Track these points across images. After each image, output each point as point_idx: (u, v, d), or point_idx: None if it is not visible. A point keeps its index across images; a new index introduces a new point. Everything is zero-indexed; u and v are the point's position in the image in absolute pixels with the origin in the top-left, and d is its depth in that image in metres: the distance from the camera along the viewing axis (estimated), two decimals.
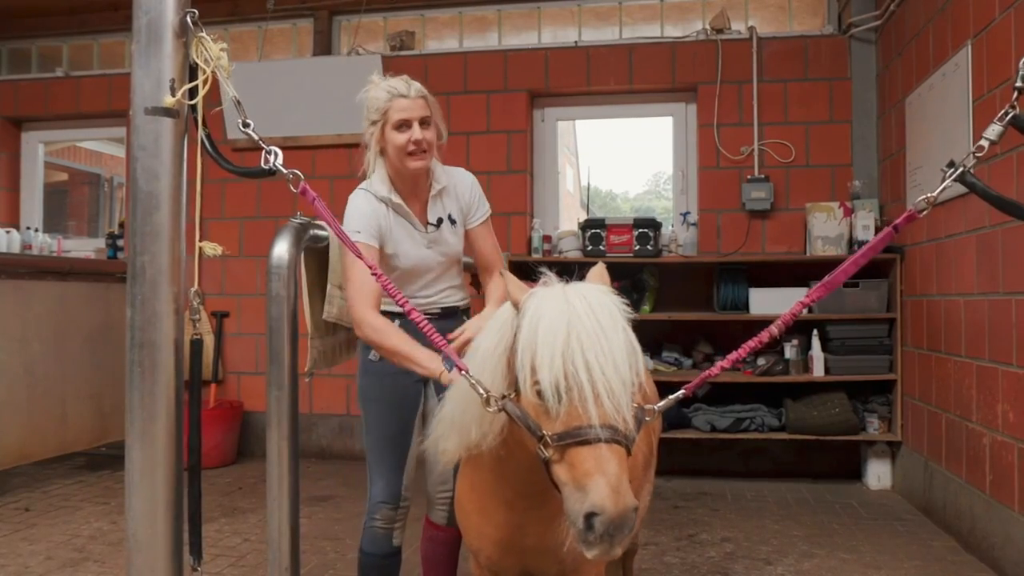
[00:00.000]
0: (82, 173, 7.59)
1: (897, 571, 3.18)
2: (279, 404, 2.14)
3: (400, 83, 2.15)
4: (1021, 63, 1.31)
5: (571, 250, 4.87)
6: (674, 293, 4.91)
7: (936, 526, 3.74)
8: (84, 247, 6.15)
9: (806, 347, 4.53)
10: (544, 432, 1.24)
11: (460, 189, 2.29)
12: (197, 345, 1.58)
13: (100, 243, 6.04)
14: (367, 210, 2.17)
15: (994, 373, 3.17)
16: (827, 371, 4.46)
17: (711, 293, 4.85)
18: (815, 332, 4.51)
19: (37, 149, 6.23)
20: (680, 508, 4.10)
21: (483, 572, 1.68)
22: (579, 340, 1.23)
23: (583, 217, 4.95)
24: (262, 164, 1.63)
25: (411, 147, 2.11)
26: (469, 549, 1.72)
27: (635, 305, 4.73)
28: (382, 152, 2.20)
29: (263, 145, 1.63)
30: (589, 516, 1.14)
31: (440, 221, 2.25)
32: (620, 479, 1.15)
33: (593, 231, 4.76)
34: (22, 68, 6.27)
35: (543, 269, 1.44)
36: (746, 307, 4.57)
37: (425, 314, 2.22)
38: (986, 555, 3.21)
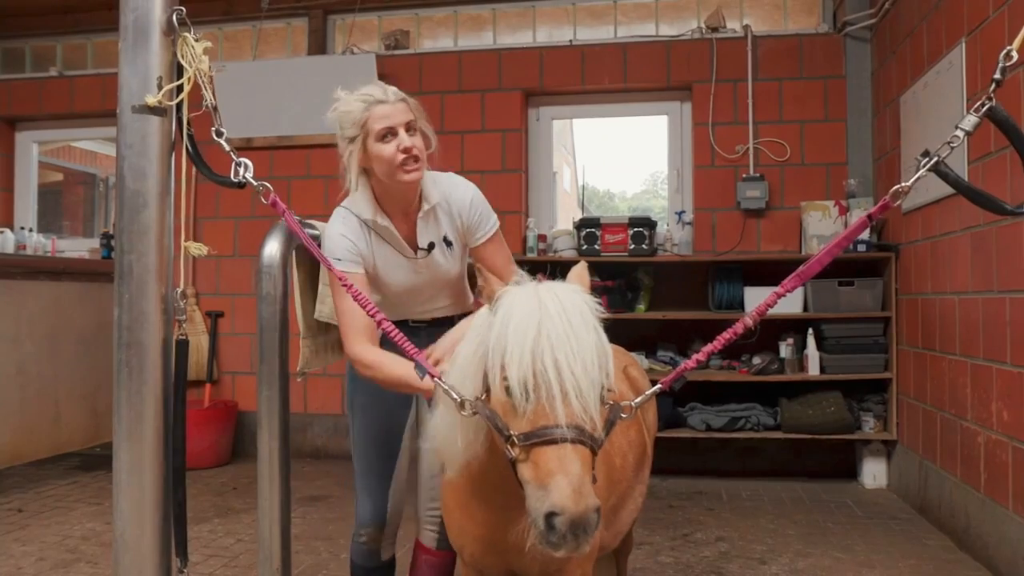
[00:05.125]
0: (77, 173, 7.57)
1: (892, 570, 3.18)
2: (270, 403, 2.12)
3: (375, 88, 1.91)
4: (1001, 55, 1.30)
5: (566, 249, 4.87)
6: (669, 292, 4.90)
7: (931, 525, 3.74)
8: (79, 247, 6.14)
9: (801, 346, 4.52)
10: (511, 432, 1.24)
11: (458, 207, 2.02)
12: (182, 346, 1.57)
13: (95, 243, 6.02)
14: (346, 233, 1.96)
15: (988, 372, 3.17)
16: (822, 370, 4.45)
17: (706, 292, 4.85)
18: (810, 331, 4.50)
19: (31, 149, 6.21)
20: (675, 507, 4.09)
21: (468, 571, 1.68)
22: (549, 339, 1.23)
23: (580, 217, 4.94)
24: (231, 176, 1.62)
25: (401, 156, 1.86)
26: (453, 546, 1.72)
27: (630, 304, 4.73)
28: (364, 171, 1.97)
29: (233, 156, 1.62)
30: (550, 516, 1.14)
31: (432, 246, 2.01)
32: (582, 479, 1.15)
33: (588, 230, 4.75)
34: (16, 67, 6.25)
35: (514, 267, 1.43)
36: (741, 306, 4.56)
37: (414, 323, 2.17)
38: (980, 554, 3.21)
